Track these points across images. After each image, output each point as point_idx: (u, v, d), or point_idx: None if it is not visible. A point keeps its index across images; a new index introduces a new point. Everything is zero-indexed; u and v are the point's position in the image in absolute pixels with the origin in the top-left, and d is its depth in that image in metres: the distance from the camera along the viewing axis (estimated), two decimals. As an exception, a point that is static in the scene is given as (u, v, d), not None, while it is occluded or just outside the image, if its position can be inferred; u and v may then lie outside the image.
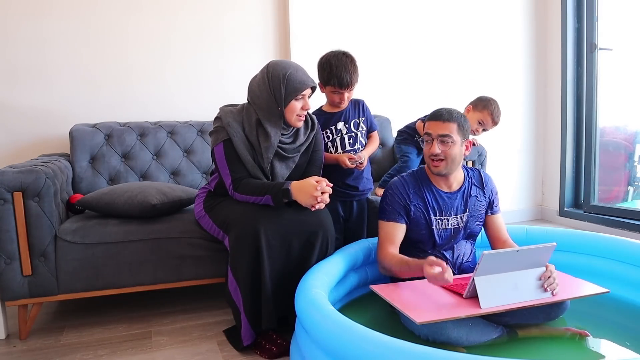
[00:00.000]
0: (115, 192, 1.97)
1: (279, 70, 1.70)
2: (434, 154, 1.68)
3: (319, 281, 1.53)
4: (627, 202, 3.39)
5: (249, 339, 1.67)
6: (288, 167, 1.80)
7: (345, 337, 1.19)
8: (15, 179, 1.72)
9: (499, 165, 3.36)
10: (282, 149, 1.76)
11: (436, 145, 1.67)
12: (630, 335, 1.56)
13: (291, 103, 1.70)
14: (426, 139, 1.72)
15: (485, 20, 3.39)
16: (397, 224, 1.72)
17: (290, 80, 1.68)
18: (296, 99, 1.70)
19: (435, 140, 1.68)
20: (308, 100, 1.75)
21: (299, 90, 1.69)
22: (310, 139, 1.84)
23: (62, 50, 2.54)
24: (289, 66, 1.72)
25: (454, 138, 1.67)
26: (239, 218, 1.68)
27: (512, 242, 1.79)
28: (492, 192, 1.85)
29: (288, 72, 1.69)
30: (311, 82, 1.73)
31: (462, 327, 1.42)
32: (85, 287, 1.86)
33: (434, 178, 1.77)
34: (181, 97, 2.74)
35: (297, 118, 1.73)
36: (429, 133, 1.71)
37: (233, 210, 1.73)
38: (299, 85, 1.69)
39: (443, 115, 1.70)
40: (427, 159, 1.72)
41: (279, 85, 1.68)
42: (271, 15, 2.90)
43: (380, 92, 3.10)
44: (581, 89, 3.37)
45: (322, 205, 1.64)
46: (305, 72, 1.76)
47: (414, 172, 1.82)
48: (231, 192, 1.74)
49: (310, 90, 1.76)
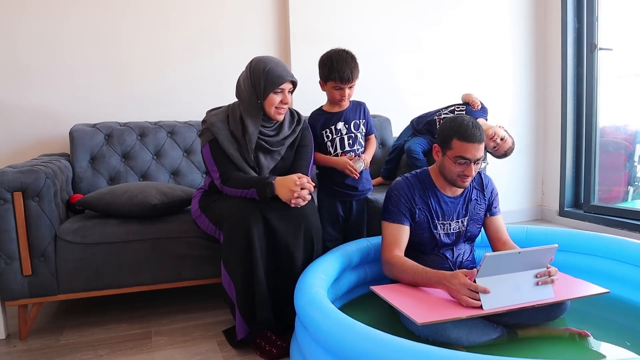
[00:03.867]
0: (116, 192, 1.97)
1: (260, 65, 1.78)
2: (467, 176, 1.66)
3: (318, 280, 1.53)
4: (627, 202, 3.39)
5: (243, 333, 1.67)
6: (274, 159, 1.85)
7: (346, 336, 1.19)
8: (15, 179, 1.72)
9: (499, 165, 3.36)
10: (266, 142, 1.82)
11: (473, 168, 1.65)
12: (630, 335, 1.56)
13: (270, 96, 1.76)
14: (462, 162, 1.64)
15: (485, 20, 3.39)
16: (402, 226, 1.70)
17: (270, 74, 1.75)
18: (275, 92, 1.76)
19: (472, 164, 1.65)
20: (288, 94, 1.80)
21: (276, 84, 1.75)
22: (296, 133, 1.90)
23: (62, 51, 2.54)
24: (270, 61, 1.79)
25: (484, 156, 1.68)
26: (230, 212, 1.71)
27: (513, 243, 1.78)
28: (492, 194, 1.84)
29: (268, 66, 1.76)
30: (290, 77, 1.79)
31: (462, 328, 1.42)
32: (85, 287, 1.86)
33: (440, 183, 1.75)
34: (181, 97, 2.75)
35: (276, 111, 1.79)
36: (466, 157, 1.63)
37: (225, 205, 1.76)
38: (277, 79, 1.75)
39: (477, 137, 1.63)
40: (455, 176, 1.67)
41: (259, 79, 1.76)
42: (271, 15, 2.90)
43: (380, 92, 3.10)
44: (581, 89, 3.37)
45: (300, 202, 1.67)
46: (286, 67, 1.81)
47: (418, 174, 1.79)
48: (220, 186, 1.80)
49: (291, 85, 1.81)
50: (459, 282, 1.43)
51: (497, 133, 2.38)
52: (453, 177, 1.68)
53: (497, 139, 2.38)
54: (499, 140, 2.39)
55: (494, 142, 2.40)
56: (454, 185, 1.72)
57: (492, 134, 2.38)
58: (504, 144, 2.40)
